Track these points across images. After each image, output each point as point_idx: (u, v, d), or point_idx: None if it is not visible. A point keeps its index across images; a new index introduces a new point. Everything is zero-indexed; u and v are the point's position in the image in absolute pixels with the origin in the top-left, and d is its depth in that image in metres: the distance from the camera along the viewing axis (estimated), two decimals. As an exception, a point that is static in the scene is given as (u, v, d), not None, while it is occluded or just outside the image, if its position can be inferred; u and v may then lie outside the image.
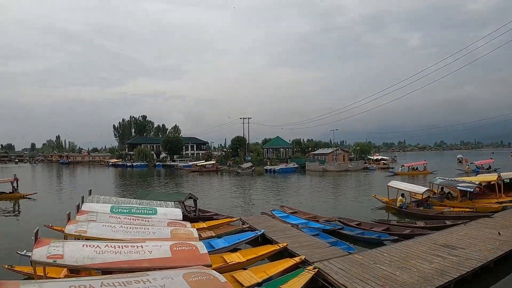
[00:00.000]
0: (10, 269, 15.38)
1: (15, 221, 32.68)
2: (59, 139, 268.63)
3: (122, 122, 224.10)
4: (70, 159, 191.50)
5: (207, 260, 10.62)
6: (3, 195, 46.24)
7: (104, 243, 11.58)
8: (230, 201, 40.16)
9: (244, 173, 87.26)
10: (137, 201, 23.43)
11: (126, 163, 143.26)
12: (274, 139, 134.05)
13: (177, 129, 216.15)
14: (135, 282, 8.26)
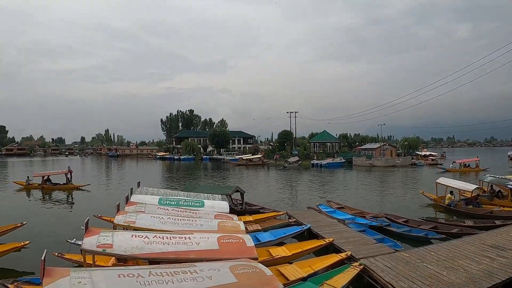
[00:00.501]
0: (60, 256, 15.84)
1: (67, 211, 33.60)
2: (108, 133, 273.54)
3: (169, 116, 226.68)
4: (118, 152, 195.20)
5: (254, 253, 10.66)
6: (58, 186, 47.86)
7: (152, 234, 11.77)
8: (277, 195, 40.20)
9: (290, 167, 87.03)
10: (184, 194, 23.69)
11: (173, 156, 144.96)
12: (320, 133, 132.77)
13: (224, 123, 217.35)
14: (183, 273, 8.37)
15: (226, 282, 8.13)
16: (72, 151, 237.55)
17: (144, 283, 7.87)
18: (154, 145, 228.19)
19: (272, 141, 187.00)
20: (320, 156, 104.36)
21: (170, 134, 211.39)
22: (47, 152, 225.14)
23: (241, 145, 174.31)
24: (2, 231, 21.14)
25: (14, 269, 16.99)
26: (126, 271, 8.49)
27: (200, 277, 8.20)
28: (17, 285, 13.02)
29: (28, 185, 48.43)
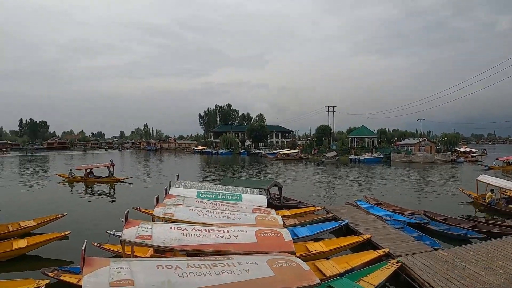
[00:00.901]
0: (99, 247, 16.19)
1: (107, 203, 34.27)
2: (147, 127, 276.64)
3: (207, 111, 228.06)
4: (157, 146, 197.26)
5: (292, 247, 10.69)
6: (100, 179, 48.95)
7: (191, 226, 11.93)
8: (314, 190, 40.18)
9: (328, 162, 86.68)
10: (223, 187, 23.91)
11: (211, 150, 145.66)
12: (359, 128, 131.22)
13: (262, 117, 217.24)
14: (220, 265, 8.46)
15: (263, 276, 8.18)
16: (111, 145, 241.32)
17: (182, 274, 7.98)
18: (192, 139, 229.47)
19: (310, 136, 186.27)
20: (358, 151, 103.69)
21: (208, 128, 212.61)
22: (87, 146, 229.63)
23: (279, 139, 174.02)
24: (43, 221, 21.90)
25: (54, 258, 17.51)
26: (164, 262, 8.63)
27: (238, 270, 8.27)
28: (57, 274, 13.37)
29: (71, 177, 49.69)
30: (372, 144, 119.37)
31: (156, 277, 7.87)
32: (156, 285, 7.60)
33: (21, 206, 31.21)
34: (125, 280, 7.63)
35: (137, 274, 7.89)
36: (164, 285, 7.63)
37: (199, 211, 16.14)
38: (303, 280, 8.12)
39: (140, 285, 7.57)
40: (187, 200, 18.70)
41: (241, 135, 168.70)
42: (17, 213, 25.91)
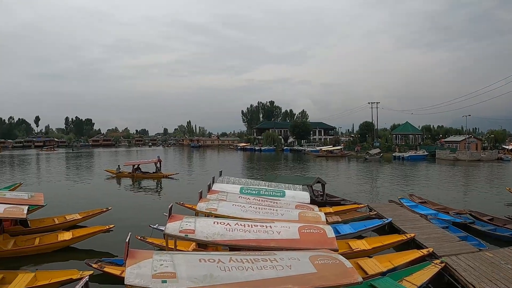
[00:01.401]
0: (142, 240, 16.55)
1: (151, 198, 34.95)
2: (190, 124, 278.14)
3: (250, 108, 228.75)
4: (200, 143, 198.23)
5: (334, 244, 10.68)
6: (148, 174, 50.02)
7: (234, 221, 12.04)
8: (357, 187, 39.95)
9: (372, 159, 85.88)
10: (265, 183, 24.07)
11: (254, 147, 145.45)
12: (403, 124, 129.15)
13: (305, 114, 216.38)
14: (263, 260, 8.53)
15: (306, 272, 8.22)
16: (155, 142, 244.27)
17: (224, 268, 8.09)
18: (235, 136, 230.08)
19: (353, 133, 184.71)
20: (402, 149, 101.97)
21: (251, 125, 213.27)
22: (131, 143, 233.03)
23: (321, 136, 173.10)
24: (88, 215, 22.71)
25: (98, 250, 17.99)
26: (207, 256, 8.77)
27: (280, 266, 8.33)
28: (100, 265, 13.76)
29: (119, 173, 50.82)
30: (417, 141, 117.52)
31: (198, 270, 8.00)
32: (198, 278, 7.72)
33: (69, 200, 32.21)
34: (167, 273, 7.79)
35: (179, 267, 8.04)
36: (206, 278, 7.74)
37: (242, 207, 16.27)
38: (345, 278, 8.12)
39: (182, 278, 7.70)
40: (230, 195, 18.87)
41: (284, 132, 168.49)
42: (64, 207, 26.68)
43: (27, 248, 17.76)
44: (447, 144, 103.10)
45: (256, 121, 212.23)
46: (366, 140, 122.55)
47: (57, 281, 12.93)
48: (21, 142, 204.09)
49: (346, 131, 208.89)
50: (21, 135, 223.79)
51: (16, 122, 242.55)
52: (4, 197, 20.84)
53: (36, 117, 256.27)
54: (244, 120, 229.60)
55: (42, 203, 21.54)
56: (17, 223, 20.53)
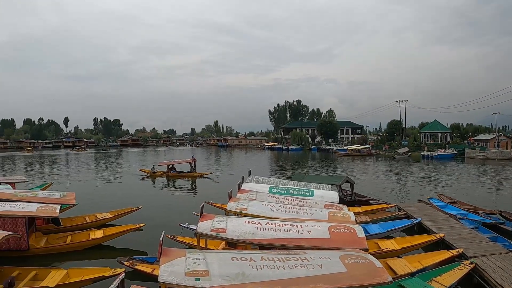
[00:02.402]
0: (172, 238, 16.79)
1: (181, 197, 35.44)
2: (217, 124, 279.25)
3: (277, 107, 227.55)
4: (228, 142, 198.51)
5: (364, 244, 10.75)
6: (182, 174, 50.61)
7: (265, 220, 12.23)
8: (386, 187, 39.78)
9: (400, 158, 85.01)
10: (294, 183, 24.19)
11: (281, 147, 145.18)
12: (431, 123, 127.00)
13: (332, 113, 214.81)
14: (294, 259, 8.67)
15: (336, 271, 8.32)
16: (182, 142, 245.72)
17: (256, 267, 8.26)
18: (262, 135, 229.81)
19: (380, 131, 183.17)
20: (430, 147, 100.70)
21: (278, 124, 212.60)
22: (159, 142, 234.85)
23: (349, 135, 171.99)
24: (119, 214, 23.10)
25: (129, 248, 18.36)
26: (239, 254, 8.97)
27: (311, 265, 8.45)
28: (132, 263, 14.04)
29: (154, 173, 51.47)
30: (445, 140, 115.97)
31: (231, 268, 8.17)
32: (230, 276, 7.89)
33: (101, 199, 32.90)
34: (200, 271, 7.99)
35: (212, 265, 8.23)
36: (238, 276, 7.91)
37: (271, 206, 16.43)
38: (375, 278, 8.20)
39: (214, 275, 7.89)
40: (259, 195, 19.07)
41: (311, 131, 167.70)
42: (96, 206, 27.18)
43: (59, 245, 18.18)
44: (476, 143, 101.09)
45: (283, 120, 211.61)
46: (394, 139, 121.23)
47: (89, 278, 13.22)
48: (51, 142, 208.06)
49: (373, 130, 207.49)
50: (50, 136, 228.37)
51: (46, 123, 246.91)
52: (37, 196, 21.47)
53: (65, 118, 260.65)
54: (271, 119, 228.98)
55: (73, 202, 22.16)
56: (49, 221, 21.08)
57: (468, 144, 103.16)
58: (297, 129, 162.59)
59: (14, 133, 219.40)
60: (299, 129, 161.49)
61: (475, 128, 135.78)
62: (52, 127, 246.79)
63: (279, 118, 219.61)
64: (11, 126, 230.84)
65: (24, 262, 15.55)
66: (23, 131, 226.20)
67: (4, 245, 15.94)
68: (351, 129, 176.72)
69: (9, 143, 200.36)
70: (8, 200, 20.06)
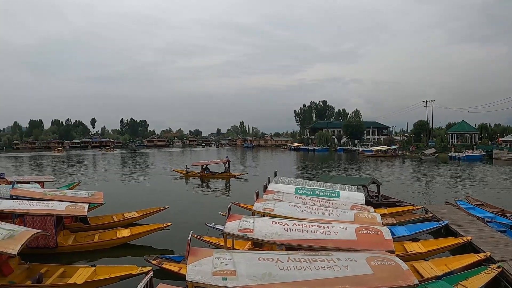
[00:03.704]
0: (199, 238, 16.98)
1: (209, 197, 35.75)
2: (243, 124, 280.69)
3: (303, 108, 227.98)
4: (253, 143, 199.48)
5: (391, 246, 10.71)
6: (216, 174, 51.19)
7: (292, 221, 12.28)
8: (412, 188, 39.37)
9: (427, 159, 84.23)
10: (320, 184, 24.21)
11: (307, 147, 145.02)
12: (458, 123, 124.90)
13: (358, 113, 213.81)
14: (320, 260, 8.71)
15: (362, 273, 8.33)
16: (208, 142, 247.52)
17: (282, 267, 8.34)
18: (288, 136, 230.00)
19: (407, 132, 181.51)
20: (458, 148, 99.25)
21: (304, 125, 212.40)
22: (185, 143, 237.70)
23: (375, 136, 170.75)
24: (146, 213, 23.41)
25: (155, 247, 18.66)
26: (265, 255, 9.06)
27: (337, 266, 8.48)
28: (159, 262, 14.26)
29: (187, 173, 51.99)
30: (473, 141, 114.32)
31: (258, 269, 8.26)
32: (257, 276, 7.99)
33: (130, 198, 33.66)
34: (227, 270, 8.11)
35: (239, 265, 8.34)
36: (265, 277, 7.99)
37: (298, 207, 16.49)
38: (401, 280, 8.18)
39: (241, 275, 7.99)
40: (286, 195, 19.16)
41: (337, 131, 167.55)
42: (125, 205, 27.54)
43: (86, 244, 18.59)
44: (504, 144, 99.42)
45: (309, 121, 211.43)
46: (421, 139, 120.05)
47: (117, 276, 13.42)
48: (78, 143, 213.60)
49: (400, 131, 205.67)
50: (78, 136, 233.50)
51: (74, 124, 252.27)
52: (65, 195, 21.91)
53: (92, 119, 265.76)
54: (297, 120, 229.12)
55: (101, 201, 22.54)
56: (77, 220, 21.43)
57: (497, 145, 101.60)
58: (323, 129, 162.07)
59: (42, 133, 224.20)
60: (325, 130, 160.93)
61: (503, 129, 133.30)
62: (80, 127, 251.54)
63: (305, 118, 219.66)
64: (39, 126, 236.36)
65: (52, 260, 15.89)
66: (51, 131, 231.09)
67: (33, 243, 16.25)
68: (377, 129, 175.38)
69: (37, 143, 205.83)
70: (37, 198, 20.62)
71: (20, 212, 17.95)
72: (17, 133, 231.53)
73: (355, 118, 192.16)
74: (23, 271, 14.17)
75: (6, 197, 21.22)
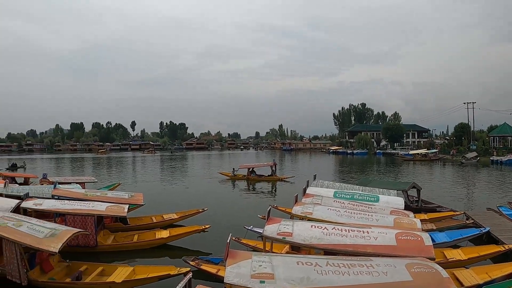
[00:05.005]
0: (237, 241, 17.15)
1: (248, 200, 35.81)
2: (282, 127, 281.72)
3: (341, 110, 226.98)
4: (292, 146, 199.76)
5: (431, 252, 10.60)
6: (263, 177, 51.43)
7: (331, 225, 12.30)
8: (453, 193, 38.63)
9: (468, 163, 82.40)
10: (359, 188, 24.07)
11: (346, 151, 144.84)
12: (500, 126, 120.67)
13: (397, 116, 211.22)
14: (359, 266, 8.73)
15: (402, 280, 8.32)
16: (246, 145, 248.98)
17: (321, 272, 8.39)
18: (326, 139, 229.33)
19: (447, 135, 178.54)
20: (500, 152, 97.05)
21: (343, 128, 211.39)
22: (223, 146, 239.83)
23: (415, 139, 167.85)
24: (184, 215, 23.76)
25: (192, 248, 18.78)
26: (304, 259, 9.14)
27: (376, 272, 8.48)
28: (198, 263, 14.42)
29: (234, 176, 52.43)
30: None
31: (296, 272, 8.35)
32: (295, 280, 8.07)
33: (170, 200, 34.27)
34: (266, 274, 8.21)
35: (277, 268, 8.44)
36: (303, 281, 8.05)
37: (336, 211, 16.47)
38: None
39: (280, 279, 8.08)
40: (324, 199, 19.16)
41: (376, 134, 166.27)
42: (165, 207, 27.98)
43: (126, 244, 19.00)
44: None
45: (348, 124, 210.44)
46: (462, 143, 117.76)
47: (155, 275, 13.61)
48: (118, 145, 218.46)
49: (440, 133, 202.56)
50: (118, 139, 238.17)
51: (114, 127, 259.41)
52: (106, 196, 22.58)
53: (132, 122, 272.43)
54: (336, 123, 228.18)
55: (141, 202, 23.05)
56: (117, 220, 21.87)
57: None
58: (362, 133, 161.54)
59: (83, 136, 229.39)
60: (364, 133, 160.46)
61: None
62: (120, 130, 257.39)
63: (344, 121, 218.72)
64: (81, 129, 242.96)
65: (92, 258, 16.24)
66: (91, 134, 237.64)
67: (73, 241, 16.59)
68: (417, 132, 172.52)
69: (78, 145, 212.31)
70: (78, 199, 21.28)
71: (62, 212, 18.53)
72: (59, 135, 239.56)
73: (394, 121, 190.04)
74: (63, 268, 14.65)
75: (48, 197, 21.89)
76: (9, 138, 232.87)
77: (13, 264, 13.27)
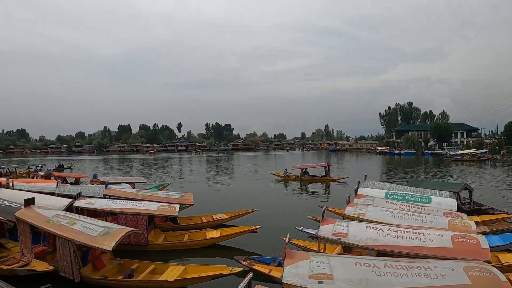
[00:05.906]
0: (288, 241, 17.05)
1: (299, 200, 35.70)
2: (328, 128, 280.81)
3: (388, 110, 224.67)
4: (338, 146, 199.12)
5: (488, 255, 10.48)
6: (316, 178, 51.33)
7: (386, 226, 12.31)
8: (505, 195, 37.66)
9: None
10: (410, 189, 23.85)
11: (393, 151, 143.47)
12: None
13: (445, 115, 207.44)
14: (417, 268, 8.72)
15: (460, 283, 8.27)
16: (292, 146, 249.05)
17: (379, 273, 8.44)
18: (373, 139, 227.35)
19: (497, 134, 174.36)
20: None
21: (389, 128, 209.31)
22: (269, 147, 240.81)
23: (464, 138, 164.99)
24: (234, 215, 23.99)
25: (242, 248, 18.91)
26: (362, 260, 9.21)
27: (434, 275, 8.46)
28: (250, 263, 14.59)
29: (286, 176, 52.51)
30: None
31: (354, 274, 8.42)
32: (354, 281, 8.14)
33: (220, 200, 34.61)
34: (324, 274, 8.30)
35: (336, 269, 8.52)
36: (362, 282, 8.11)
37: (389, 212, 16.44)
38: (500, 293, 8.01)
39: (338, 280, 8.16)
40: (376, 200, 19.12)
41: (424, 134, 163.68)
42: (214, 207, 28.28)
43: (176, 243, 19.28)
44: None
45: (395, 124, 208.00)
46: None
47: (208, 275, 13.72)
48: (165, 146, 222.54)
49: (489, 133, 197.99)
50: (164, 140, 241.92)
51: (160, 128, 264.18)
52: (157, 196, 23.18)
53: (178, 124, 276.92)
54: (382, 122, 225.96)
55: (191, 202, 23.59)
56: (167, 219, 22.26)
57: None
58: (409, 132, 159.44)
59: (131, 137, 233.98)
60: (411, 133, 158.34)
61: None
62: (166, 132, 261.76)
63: (390, 121, 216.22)
64: (128, 131, 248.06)
65: (142, 257, 16.56)
66: (139, 135, 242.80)
67: (125, 240, 16.95)
68: (465, 132, 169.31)
69: (126, 147, 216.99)
70: (130, 198, 22.02)
71: (114, 211, 19.14)
72: (107, 137, 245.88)
73: (442, 120, 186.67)
74: (115, 266, 15.11)
75: (99, 197, 22.65)
76: (58, 140, 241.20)
77: (66, 261, 13.77)
